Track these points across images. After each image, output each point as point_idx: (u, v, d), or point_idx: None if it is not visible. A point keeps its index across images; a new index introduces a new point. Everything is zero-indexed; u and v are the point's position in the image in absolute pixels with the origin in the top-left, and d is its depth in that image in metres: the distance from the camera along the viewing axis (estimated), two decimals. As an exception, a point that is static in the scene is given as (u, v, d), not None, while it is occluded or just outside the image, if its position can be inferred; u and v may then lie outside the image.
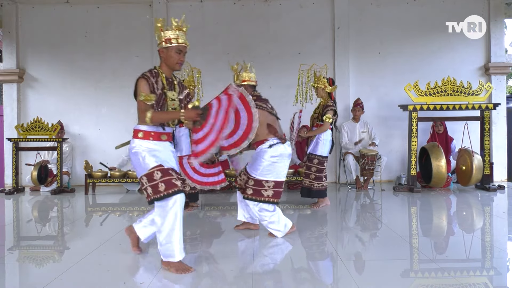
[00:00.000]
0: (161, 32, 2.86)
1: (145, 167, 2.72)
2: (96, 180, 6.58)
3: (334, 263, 3.04)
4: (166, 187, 2.66)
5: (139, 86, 2.81)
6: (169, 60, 2.90)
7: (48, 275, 2.74)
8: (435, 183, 6.07)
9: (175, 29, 2.86)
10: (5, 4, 7.44)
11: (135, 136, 2.82)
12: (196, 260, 3.13)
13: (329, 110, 4.90)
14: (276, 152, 3.56)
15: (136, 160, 2.77)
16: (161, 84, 2.88)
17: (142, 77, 2.83)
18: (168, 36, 2.85)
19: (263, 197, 3.56)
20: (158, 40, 2.89)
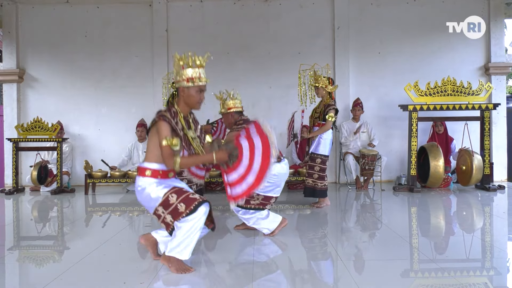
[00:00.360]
0: (182, 69, 2.73)
1: (157, 197, 2.66)
2: (96, 180, 6.57)
3: (334, 263, 3.04)
4: (186, 205, 2.60)
5: (160, 129, 2.63)
6: (190, 99, 2.76)
7: (48, 275, 2.74)
8: (432, 183, 6.07)
9: (197, 67, 2.75)
10: (5, 4, 7.44)
11: (142, 174, 2.72)
12: (195, 260, 3.13)
13: (331, 109, 4.91)
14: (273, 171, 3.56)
15: (145, 196, 2.71)
16: (180, 125, 2.76)
17: (163, 120, 2.65)
18: (190, 75, 2.72)
19: (249, 205, 3.63)
20: (178, 77, 2.75)
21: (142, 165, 2.75)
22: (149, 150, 2.74)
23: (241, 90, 7.49)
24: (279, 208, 5.34)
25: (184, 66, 2.72)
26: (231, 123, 3.87)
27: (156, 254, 2.99)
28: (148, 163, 2.72)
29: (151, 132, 2.73)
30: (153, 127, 2.71)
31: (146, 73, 7.42)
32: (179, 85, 2.76)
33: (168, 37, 7.45)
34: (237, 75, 7.41)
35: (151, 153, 2.72)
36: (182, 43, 7.43)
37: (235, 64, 7.44)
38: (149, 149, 2.74)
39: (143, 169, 2.72)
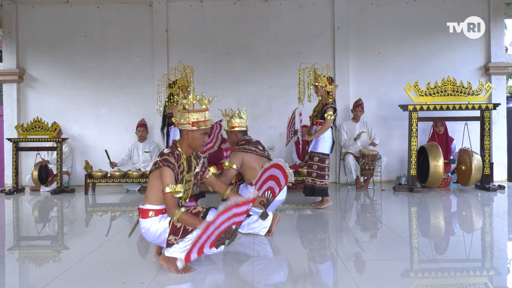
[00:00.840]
0: (188, 113, 2.74)
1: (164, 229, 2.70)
2: (96, 180, 6.57)
3: (334, 263, 3.04)
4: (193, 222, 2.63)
5: (164, 175, 2.66)
6: (194, 142, 2.79)
7: (48, 275, 2.74)
8: (431, 183, 6.07)
9: (202, 111, 2.76)
10: (5, 4, 7.44)
11: (145, 216, 2.74)
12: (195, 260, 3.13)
13: (329, 107, 4.91)
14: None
15: (152, 234, 2.74)
16: (182, 167, 2.79)
17: (167, 166, 2.66)
18: (195, 119, 2.73)
19: None
20: (182, 120, 2.75)
21: (144, 207, 2.76)
22: (150, 192, 2.75)
23: (241, 90, 7.58)
24: (279, 208, 5.34)
25: (190, 110, 2.73)
26: (234, 141, 3.95)
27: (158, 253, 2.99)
28: (150, 204, 2.74)
29: (153, 175, 2.74)
30: (155, 170, 2.72)
31: (146, 73, 7.42)
32: (183, 128, 2.76)
33: (168, 37, 7.45)
34: (237, 75, 7.42)
35: (153, 195, 2.73)
36: (182, 43, 7.44)
37: (235, 64, 7.44)
38: (151, 191, 2.75)
39: (146, 211, 2.73)
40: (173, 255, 2.72)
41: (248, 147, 3.83)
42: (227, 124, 3.97)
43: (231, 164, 3.76)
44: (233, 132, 3.93)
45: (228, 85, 7.38)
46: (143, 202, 2.78)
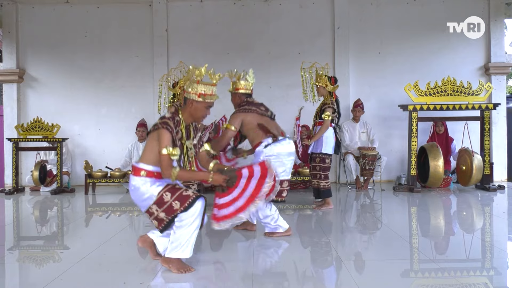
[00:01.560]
0: (197, 84, 2.78)
1: (151, 196, 2.69)
2: (96, 180, 6.57)
3: (334, 263, 3.03)
4: (181, 202, 2.65)
5: (162, 137, 2.67)
6: (196, 113, 2.82)
7: (48, 275, 2.74)
8: (432, 183, 6.07)
9: (212, 85, 2.81)
10: (5, 4, 7.43)
11: (137, 174, 2.74)
12: (196, 260, 3.13)
13: (327, 108, 4.88)
14: (271, 151, 3.58)
15: (139, 194, 2.74)
16: (180, 134, 2.82)
17: (166, 129, 2.69)
18: (202, 91, 2.77)
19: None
20: (190, 89, 2.79)
21: (137, 165, 2.76)
22: (146, 152, 2.76)
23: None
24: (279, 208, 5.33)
25: (200, 81, 2.77)
26: (237, 103, 3.85)
27: (155, 254, 2.99)
28: (144, 164, 2.74)
29: (151, 136, 2.75)
30: (154, 132, 2.74)
31: (146, 73, 7.42)
32: (189, 97, 2.79)
33: (168, 37, 7.45)
34: (237, 75, 7.40)
35: (148, 155, 2.74)
36: (182, 43, 7.44)
37: (235, 64, 7.37)
38: (147, 151, 2.76)
39: (138, 169, 2.74)
40: (171, 256, 2.72)
41: (249, 107, 3.74)
42: (232, 86, 3.86)
43: (229, 126, 3.69)
44: (236, 94, 3.83)
45: (228, 85, 7.30)
46: (138, 161, 2.79)
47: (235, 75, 3.87)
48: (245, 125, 3.69)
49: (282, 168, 3.63)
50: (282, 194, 3.67)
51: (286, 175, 3.71)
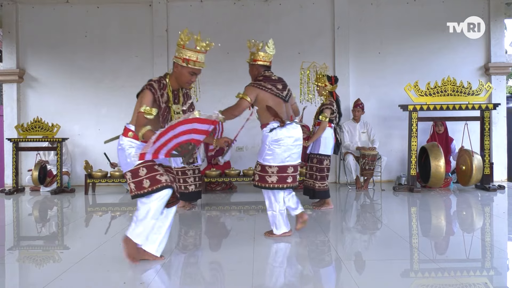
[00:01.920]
0: (183, 48, 2.89)
1: (131, 163, 2.80)
2: (96, 180, 6.57)
3: (334, 263, 3.03)
4: (151, 183, 2.75)
5: (143, 96, 2.80)
6: (181, 78, 2.92)
7: (48, 275, 2.74)
8: (433, 183, 6.07)
9: (198, 52, 2.94)
10: (5, 4, 7.43)
11: (125, 134, 2.88)
12: (195, 260, 3.13)
13: (326, 108, 4.87)
14: (276, 136, 3.48)
15: (123, 156, 2.87)
16: (167, 97, 2.89)
17: (149, 89, 2.81)
18: (187, 56, 2.88)
19: (267, 183, 3.52)
20: (177, 53, 2.89)
21: (128, 125, 2.90)
22: (134, 113, 2.87)
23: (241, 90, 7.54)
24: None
25: (186, 46, 2.88)
26: (254, 75, 3.68)
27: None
28: (132, 125, 2.86)
29: (138, 98, 2.88)
30: (141, 93, 2.87)
31: (146, 73, 7.40)
32: (175, 61, 2.90)
33: (168, 37, 7.45)
34: (237, 75, 7.40)
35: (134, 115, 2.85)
36: (182, 43, 7.42)
37: (235, 64, 7.43)
38: (134, 113, 2.87)
39: (127, 130, 2.88)
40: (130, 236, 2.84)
41: (264, 84, 3.54)
42: (250, 56, 3.70)
43: (245, 96, 3.49)
44: (254, 65, 3.66)
45: (228, 85, 7.36)
46: (131, 122, 2.88)
47: (254, 45, 3.68)
48: (258, 101, 3.53)
49: (287, 153, 3.53)
50: (287, 180, 3.51)
51: (292, 160, 3.58)
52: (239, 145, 7.39)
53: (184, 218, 4.66)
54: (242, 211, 5.16)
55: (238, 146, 7.35)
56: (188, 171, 4.89)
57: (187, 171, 4.89)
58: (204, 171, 6.40)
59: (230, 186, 6.70)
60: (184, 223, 4.46)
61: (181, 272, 2.91)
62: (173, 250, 3.33)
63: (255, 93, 3.51)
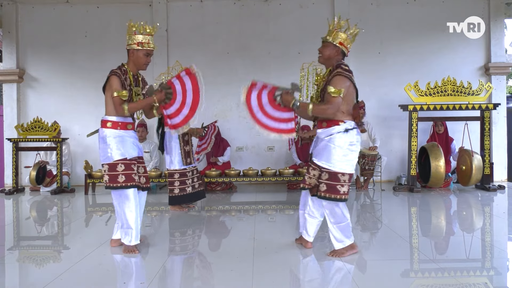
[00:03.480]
0: (134, 35, 3.21)
1: (110, 157, 3.12)
2: (96, 180, 6.57)
3: (334, 263, 3.03)
4: (125, 179, 3.10)
5: (112, 82, 3.12)
6: (138, 61, 3.25)
7: (48, 275, 2.74)
8: (433, 183, 6.07)
9: (147, 34, 3.23)
10: (5, 4, 7.43)
11: (104, 125, 3.16)
12: (195, 260, 3.13)
13: None
14: (353, 138, 2.96)
15: (104, 147, 3.14)
16: (129, 81, 3.23)
17: (114, 75, 3.14)
18: (140, 40, 3.20)
19: (339, 195, 2.95)
20: (130, 41, 3.22)
21: (104, 118, 3.17)
22: (106, 104, 3.17)
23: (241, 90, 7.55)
24: (279, 208, 5.35)
25: (136, 32, 3.20)
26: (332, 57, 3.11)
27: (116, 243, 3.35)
28: (108, 116, 3.16)
29: (106, 89, 3.17)
30: (106, 84, 3.16)
31: (146, 73, 7.30)
32: (130, 48, 3.22)
33: (168, 37, 7.45)
34: (237, 75, 7.41)
35: (109, 107, 3.16)
36: (182, 43, 7.44)
37: (235, 64, 7.44)
38: (107, 105, 3.17)
39: (105, 121, 3.15)
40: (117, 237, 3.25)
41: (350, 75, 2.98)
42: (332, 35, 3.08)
43: (340, 91, 2.89)
44: (337, 48, 3.08)
45: (228, 85, 7.37)
46: (106, 113, 3.18)
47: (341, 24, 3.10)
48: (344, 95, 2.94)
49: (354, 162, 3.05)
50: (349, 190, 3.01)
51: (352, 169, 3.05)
52: (239, 145, 7.39)
53: (184, 218, 4.65)
54: (242, 211, 5.16)
55: (238, 146, 7.35)
56: (188, 172, 4.89)
57: (187, 173, 4.89)
58: (204, 171, 6.40)
59: (230, 186, 6.70)
60: (184, 223, 4.46)
61: (181, 272, 2.91)
62: (172, 250, 3.33)
63: (347, 85, 2.95)
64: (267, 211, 5.09)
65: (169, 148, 4.89)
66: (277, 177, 6.38)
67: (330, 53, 3.10)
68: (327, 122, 2.99)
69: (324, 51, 3.12)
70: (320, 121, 3.04)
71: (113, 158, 3.11)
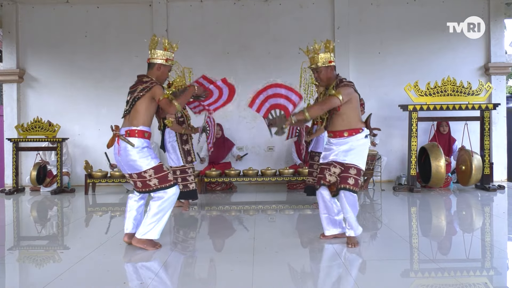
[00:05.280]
0: (165, 50, 3.38)
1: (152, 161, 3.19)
2: (96, 180, 6.57)
3: (335, 263, 3.03)
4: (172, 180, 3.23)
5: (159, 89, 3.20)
6: (163, 76, 3.38)
7: (48, 275, 2.74)
8: (434, 183, 6.07)
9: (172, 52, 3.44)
10: (5, 4, 7.43)
11: (141, 136, 3.20)
12: (195, 260, 3.13)
13: None
14: (369, 142, 3.40)
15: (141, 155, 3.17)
16: None
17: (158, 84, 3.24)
18: (169, 56, 3.39)
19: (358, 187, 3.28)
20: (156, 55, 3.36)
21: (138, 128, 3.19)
22: (138, 114, 3.20)
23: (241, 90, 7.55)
24: (279, 208, 5.35)
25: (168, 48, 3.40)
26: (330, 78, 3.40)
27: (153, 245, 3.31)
28: (144, 126, 3.21)
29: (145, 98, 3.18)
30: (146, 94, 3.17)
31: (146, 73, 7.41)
32: (158, 62, 3.34)
33: (168, 37, 7.41)
34: (237, 75, 7.40)
35: (140, 117, 3.20)
36: (182, 43, 7.37)
37: (235, 64, 7.44)
38: (139, 113, 3.20)
39: (133, 131, 3.19)
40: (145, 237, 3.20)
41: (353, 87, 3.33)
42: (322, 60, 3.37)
43: (338, 94, 3.21)
44: (329, 67, 3.38)
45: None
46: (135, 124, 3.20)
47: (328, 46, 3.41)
48: (350, 102, 3.27)
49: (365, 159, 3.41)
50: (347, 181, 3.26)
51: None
52: (239, 145, 7.39)
53: (184, 218, 4.66)
54: (242, 211, 5.16)
55: (238, 146, 7.35)
56: (188, 169, 4.90)
57: (187, 170, 4.90)
58: (204, 171, 6.40)
59: (230, 186, 6.70)
60: (184, 223, 4.47)
61: (181, 272, 2.91)
62: (173, 250, 3.33)
63: (349, 94, 3.26)
64: (267, 211, 5.09)
65: (168, 147, 4.91)
66: (277, 177, 6.38)
67: (327, 74, 3.40)
68: (348, 131, 3.31)
69: (322, 76, 3.41)
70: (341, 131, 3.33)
71: (157, 160, 3.22)
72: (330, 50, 3.40)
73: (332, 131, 3.40)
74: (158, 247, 3.29)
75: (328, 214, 3.49)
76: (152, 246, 3.27)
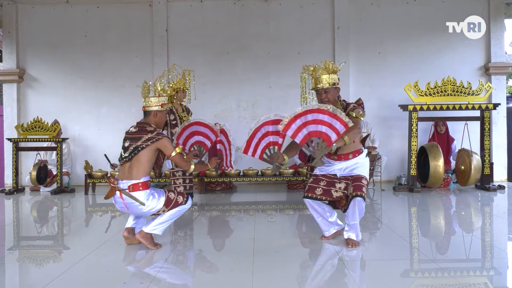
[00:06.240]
0: (159, 97, 3.33)
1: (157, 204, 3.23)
2: (96, 180, 6.57)
3: (335, 263, 3.03)
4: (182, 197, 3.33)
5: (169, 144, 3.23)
6: (161, 120, 3.37)
7: (48, 275, 2.74)
8: (432, 183, 6.07)
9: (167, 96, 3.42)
10: (5, 4, 7.44)
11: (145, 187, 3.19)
12: (195, 260, 3.13)
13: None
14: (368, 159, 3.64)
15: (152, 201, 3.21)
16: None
17: (166, 137, 3.24)
18: (164, 101, 3.35)
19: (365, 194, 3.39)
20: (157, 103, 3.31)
21: (141, 180, 3.17)
22: (140, 164, 3.17)
23: (241, 90, 7.58)
24: (279, 208, 5.35)
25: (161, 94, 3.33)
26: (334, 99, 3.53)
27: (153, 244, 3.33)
28: (137, 180, 3.16)
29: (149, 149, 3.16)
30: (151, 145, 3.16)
31: (146, 73, 7.41)
32: (154, 109, 3.30)
33: (168, 37, 7.45)
34: (237, 75, 7.42)
35: (142, 168, 3.17)
36: (182, 43, 7.44)
37: (235, 64, 7.45)
38: (141, 164, 3.17)
39: (136, 185, 3.15)
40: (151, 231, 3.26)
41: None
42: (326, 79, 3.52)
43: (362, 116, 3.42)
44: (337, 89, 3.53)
45: (228, 85, 7.39)
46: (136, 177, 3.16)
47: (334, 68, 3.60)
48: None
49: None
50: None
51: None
52: (239, 145, 7.38)
53: (184, 218, 4.65)
54: (242, 211, 5.16)
55: (238, 146, 7.34)
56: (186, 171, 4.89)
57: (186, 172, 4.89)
58: (204, 171, 6.40)
59: (230, 186, 6.70)
60: (184, 223, 4.46)
61: (181, 272, 2.91)
62: (173, 250, 3.34)
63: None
64: (267, 211, 5.09)
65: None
66: (277, 177, 6.38)
67: (334, 94, 3.53)
68: (352, 153, 3.46)
69: (330, 96, 3.51)
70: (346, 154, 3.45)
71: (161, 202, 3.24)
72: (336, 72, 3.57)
73: (337, 155, 3.46)
74: (159, 247, 3.31)
75: (322, 217, 3.55)
76: (153, 246, 3.30)
